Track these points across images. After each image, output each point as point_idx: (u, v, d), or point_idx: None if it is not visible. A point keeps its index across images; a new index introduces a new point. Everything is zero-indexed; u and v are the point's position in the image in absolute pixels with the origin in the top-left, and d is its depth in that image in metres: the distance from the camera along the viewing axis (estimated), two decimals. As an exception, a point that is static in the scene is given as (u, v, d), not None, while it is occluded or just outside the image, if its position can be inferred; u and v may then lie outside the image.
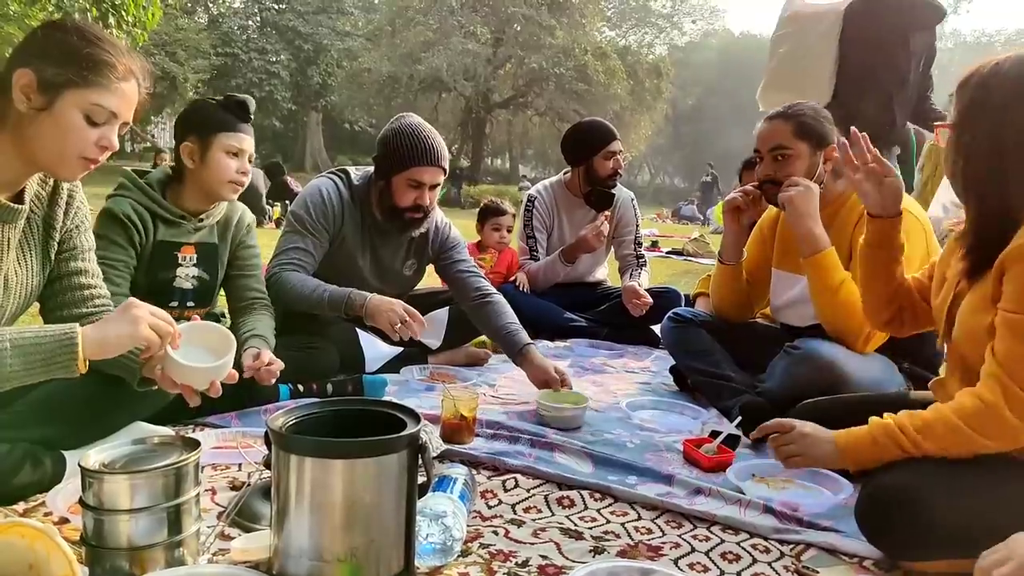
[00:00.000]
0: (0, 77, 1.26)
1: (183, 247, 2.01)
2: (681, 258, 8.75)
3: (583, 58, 26.20)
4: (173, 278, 2.01)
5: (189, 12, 27.46)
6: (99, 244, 1.79)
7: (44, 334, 1.21)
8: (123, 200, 1.91)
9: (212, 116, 1.96)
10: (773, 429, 1.50)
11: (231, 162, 1.95)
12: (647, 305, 3.06)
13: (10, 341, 1.18)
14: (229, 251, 2.12)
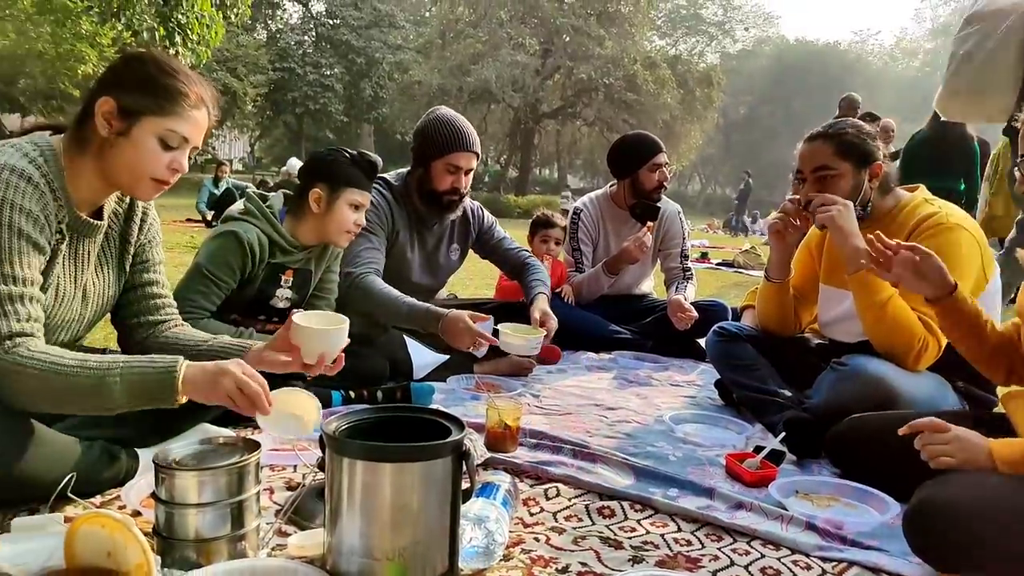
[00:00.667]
0: (85, 104, 1.38)
1: (287, 270, 2.18)
2: (731, 270, 8.66)
3: (632, 68, 26.12)
4: (271, 297, 2.17)
5: (249, 29, 28.35)
6: (214, 260, 1.98)
7: (148, 367, 1.30)
8: (252, 229, 2.05)
9: (344, 170, 2.13)
10: (926, 427, 1.42)
11: (352, 215, 2.14)
12: (692, 319, 3.07)
13: (120, 374, 1.28)
14: (317, 277, 2.30)
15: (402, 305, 2.42)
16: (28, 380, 1.24)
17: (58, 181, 1.36)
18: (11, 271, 1.26)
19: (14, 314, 1.26)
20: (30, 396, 1.26)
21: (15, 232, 1.26)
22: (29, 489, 1.32)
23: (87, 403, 1.30)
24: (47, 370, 1.24)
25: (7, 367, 1.23)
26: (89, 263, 1.50)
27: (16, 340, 1.25)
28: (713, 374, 2.60)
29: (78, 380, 1.26)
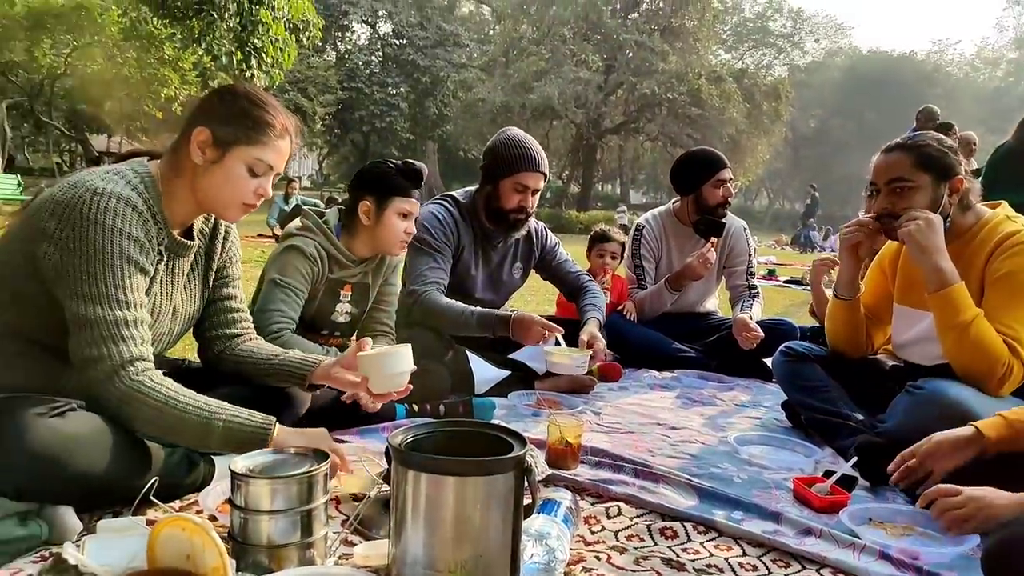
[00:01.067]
0: (181, 133, 1.47)
1: (345, 285, 2.26)
2: (800, 287, 8.42)
3: (697, 82, 25.85)
4: (332, 312, 2.26)
5: (319, 51, 29.34)
6: (284, 271, 2.09)
7: (248, 424, 1.41)
8: (310, 242, 2.16)
9: (391, 180, 2.20)
10: (937, 495, 1.43)
11: (402, 223, 2.19)
12: (758, 339, 3.00)
13: (224, 422, 1.39)
14: (376, 289, 2.37)
15: (469, 315, 2.49)
16: (146, 409, 1.34)
17: (157, 206, 1.45)
18: (124, 296, 1.35)
19: (131, 339, 1.35)
20: (143, 422, 1.37)
21: (125, 258, 1.35)
22: (115, 492, 1.39)
23: (188, 438, 1.41)
24: (166, 403, 1.35)
25: (131, 393, 1.33)
26: (180, 280, 1.58)
27: (138, 365, 1.35)
28: (780, 395, 2.54)
29: (188, 418, 1.37)
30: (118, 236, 1.35)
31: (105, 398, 1.34)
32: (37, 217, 1.35)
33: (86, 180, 1.36)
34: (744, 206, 43.81)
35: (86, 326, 1.32)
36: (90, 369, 1.33)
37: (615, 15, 27.69)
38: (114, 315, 1.33)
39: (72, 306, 1.33)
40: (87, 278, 1.32)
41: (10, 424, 1.29)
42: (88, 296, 1.32)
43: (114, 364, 1.32)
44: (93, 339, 1.32)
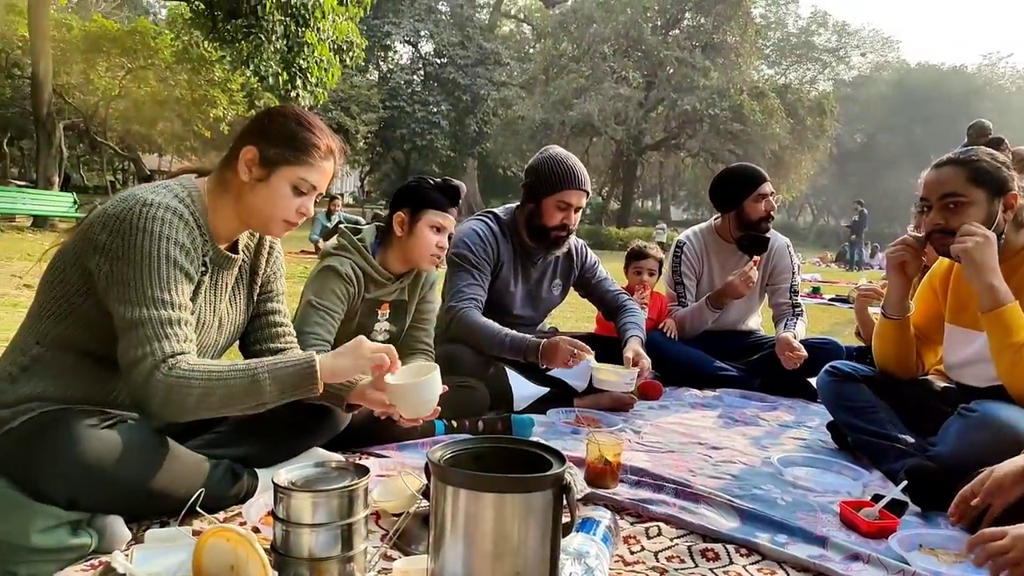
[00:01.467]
0: (229, 151, 1.52)
1: (383, 304, 2.28)
2: (846, 306, 8.23)
3: (739, 98, 25.66)
4: (370, 332, 2.28)
5: (362, 70, 29.89)
6: (321, 294, 2.12)
7: (291, 363, 1.44)
8: (346, 262, 2.18)
9: (426, 194, 2.22)
10: (980, 540, 1.33)
11: (434, 237, 2.19)
12: (801, 359, 2.94)
13: (268, 372, 1.40)
14: (413, 306, 2.39)
15: (504, 337, 2.50)
16: (193, 391, 1.35)
17: (203, 218, 1.50)
18: (169, 298, 1.38)
19: (174, 336, 1.37)
20: (196, 405, 1.37)
21: (171, 262, 1.39)
22: (162, 502, 1.43)
23: (245, 403, 1.41)
24: (207, 378, 1.36)
25: (172, 382, 1.34)
26: (225, 293, 1.62)
27: (177, 358, 1.36)
28: (825, 415, 2.48)
29: (235, 383, 1.38)
30: (164, 242, 1.39)
31: (152, 396, 1.34)
32: (91, 231, 1.40)
33: (136, 194, 1.42)
34: (787, 222, 43.12)
35: (132, 328, 1.35)
36: (134, 371, 1.35)
37: (656, 32, 27.70)
38: (158, 314, 1.36)
39: (120, 311, 1.36)
40: (134, 283, 1.36)
41: (63, 435, 1.33)
42: (134, 300, 1.36)
43: (155, 360, 1.34)
44: (138, 339, 1.35)
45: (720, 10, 26.97)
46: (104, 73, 18.65)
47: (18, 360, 1.48)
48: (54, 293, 1.48)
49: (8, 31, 18.03)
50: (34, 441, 1.35)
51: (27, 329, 1.51)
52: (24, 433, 1.38)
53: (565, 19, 28.79)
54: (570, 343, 2.42)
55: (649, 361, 2.63)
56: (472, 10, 35.85)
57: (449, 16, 33.56)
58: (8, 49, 18.73)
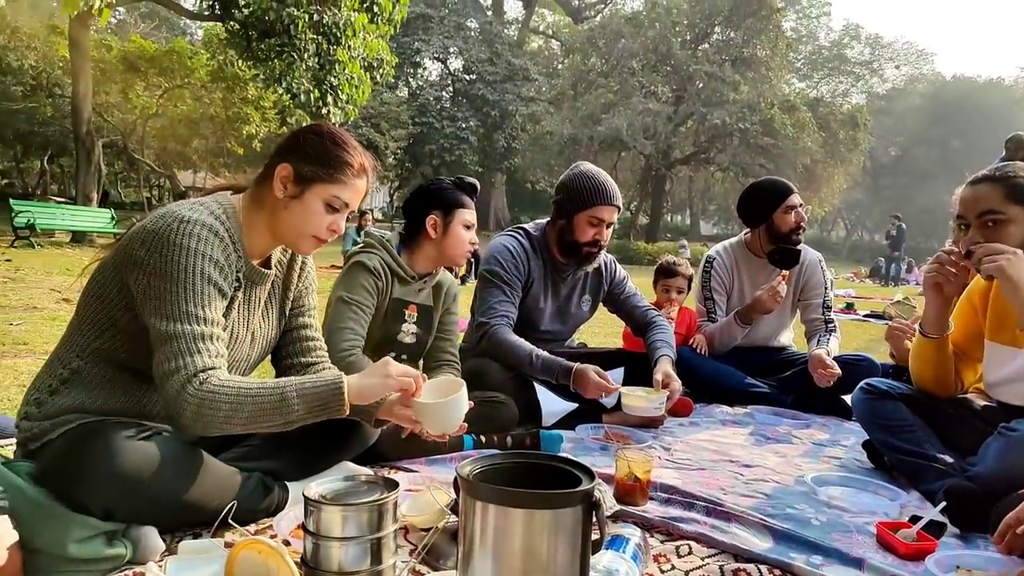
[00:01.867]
0: (265, 168, 1.55)
1: (409, 305, 2.32)
2: (881, 322, 8.08)
3: (769, 112, 25.47)
4: (398, 332, 2.31)
5: (392, 87, 30.30)
6: (351, 289, 2.18)
7: (319, 383, 1.44)
8: (373, 256, 2.26)
9: (453, 195, 2.31)
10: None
11: (467, 234, 2.29)
12: (834, 376, 2.88)
13: (296, 391, 1.42)
14: (438, 316, 2.42)
15: (535, 358, 2.51)
16: (222, 406, 1.36)
17: (237, 235, 1.52)
18: (203, 313, 1.40)
19: (206, 351, 1.39)
20: (225, 420, 1.38)
21: (205, 278, 1.42)
22: (196, 514, 1.45)
23: (273, 420, 1.41)
24: (236, 394, 1.37)
25: (203, 397, 1.36)
26: (258, 308, 1.65)
27: (208, 373, 1.38)
28: (860, 434, 2.43)
29: (264, 400, 1.39)
30: (199, 258, 1.41)
31: (183, 409, 1.36)
32: (130, 247, 1.43)
33: (174, 211, 1.45)
34: (820, 237, 42.54)
35: (166, 342, 1.38)
36: (167, 383, 1.37)
37: (685, 46, 27.66)
38: (191, 329, 1.38)
39: (155, 325, 1.39)
40: (170, 298, 1.38)
41: (101, 446, 1.36)
42: (169, 314, 1.38)
43: (188, 374, 1.36)
44: (171, 353, 1.37)
45: (750, 24, 26.85)
46: (142, 92, 19.18)
47: (58, 373, 1.51)
48: (93, 307, 1.51)
49: (50, 52, 18.67)
50: (72, 452, 1.38)
51: (67, 343, 1.55)
52: (63, 445, 1.41)
53: (593, 35, 28.90)
54: (599, 379, 2.42)
55: (679, 384, 2.60)
56: (501, 27, 36.20)
57: (478, 33, 33.90)
58: (49, 69, 19.39)
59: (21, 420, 1.51)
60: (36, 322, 4.27)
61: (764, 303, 3.04)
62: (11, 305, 4.98)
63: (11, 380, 2.83)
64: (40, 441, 1.45)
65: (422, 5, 31.15)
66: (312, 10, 11.98)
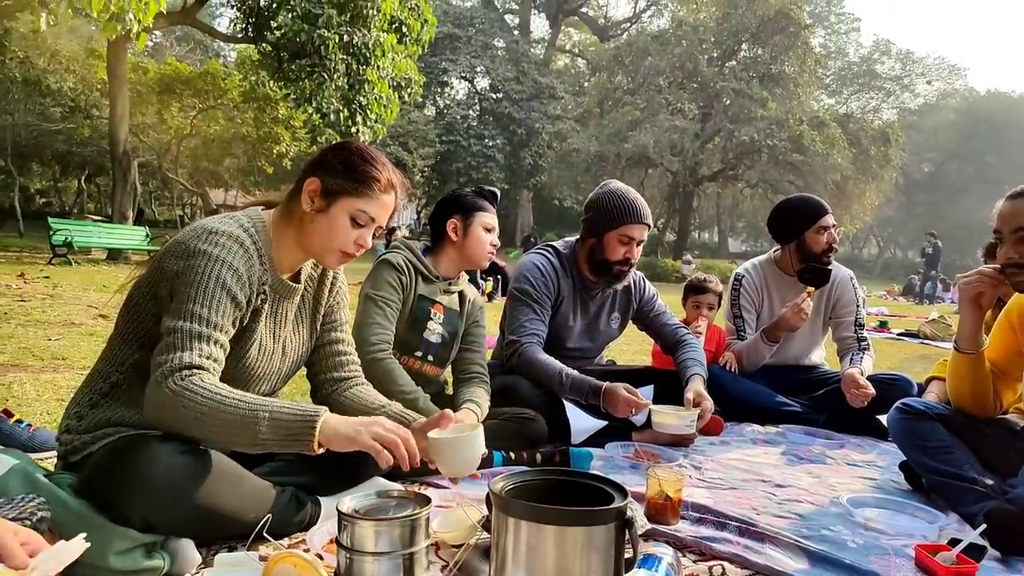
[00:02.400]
0: (296, 183, 1.58)
1: (435, 304, 2.37)
2: (916, 341, 7.94)
3: (798, 128, 25.26)
4: (424, 329, 2.34)
5: (420, 106, 30.64)
6: (377, 285, 2.25)
7: (294, 413, 1.37)
8: (398, 254, 2.35)
9: (472, 200, 2.41)
10: None
11: (487, 236, 2.36)
12: (868, 396, 2.82)
13: (269, 413, 1.35)
14: (465, 325, 2.45)
15: (564, 377, 2.51)
16: (193, 406, 1.33)
17: (266, 249, 1.55)
18: (206, 315, 1.42)
19: (197, 349, 1.39)
20: (192, 422, 1.34)
21: (219, 284, 1.44)
22: (231, 527, 1.47)
23: (236, 437, 1.35)
24: (211, 399, 1.34)
25: (178, 391, 1.34)
26: (287, 321, 1.67)
27: (191, 371, 1.37)
28: (897, 455, 2.38)
29: (232, 413, 1.33)
30: (217, 264, 1.44)
31: (155, 400, 1.35)
32: (163, 261, 1.48)
33: (205, 223, 1.50)
34: (851, 255, 41.94)
35: (164, 336, 1.40)
36: (153, 374, 1.37)
37: (712, 63, 27.61)
38: (189, 327, 1.39)
39: (163, 323, 1.41)
40: (180, 296, 1.41)
41: (139, 459, 1.38)
42: (175, 312, 1.41)
43: (172, 367, 1.35)
44: (164, 346, 1.38)
45: (778, 41, 26.73)
46: (176, 113, 19.64)
47: (98, 387, 1.55)
48: (131, 322, 1.55)
49: (88, 75, 19.23)
50: (112, 465, 1.41)
51: (106, 357, 1.59)
52: (103, 457, 1.44)
53: (620, 52, 28.97)
54: (628, 395, 2.41)
55: (711, 403, 2.57)
56: (527, 46, 36.50)
57: (505, 52, 34.22)
58: (87, 91, 19.96)
59: (62, 433, 1.55)
60: (74, 337, 4.36)
61: (788, 320, 3.01)
62: (50, 321, 5.10)
63: (50, 394, 2.89)
64: (81, 454, 1.48)
65: (449, 25, 31.55)
66: (342, 31, 12.21)
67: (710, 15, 26.96)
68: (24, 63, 18.40)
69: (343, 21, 12.30)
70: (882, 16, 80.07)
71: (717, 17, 26.97)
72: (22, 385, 3.00)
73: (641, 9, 41.00)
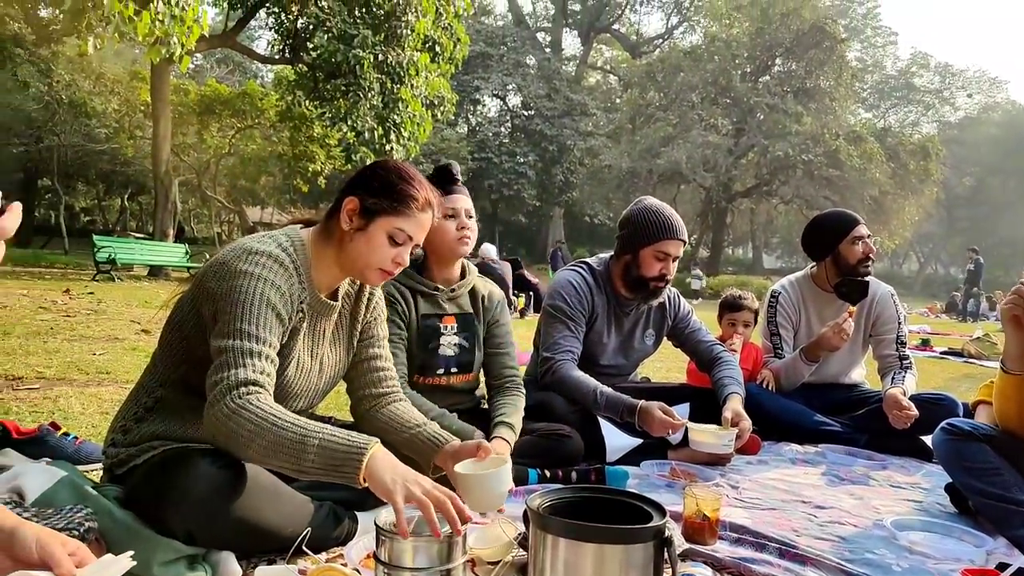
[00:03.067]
0: (335, 201, 1.61)
1: (444, 317, 2.29)
2: (960, 359, 7.73)
3: (834, 143, 24.96)
4: (438, 347, 2.28)
5: (452, 124, 30.97)
6: None
7: (343, 442, 1.33)
8: (390, 283, 2.19)
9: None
10: None
11: (449, 223, 2.18)
12: (912, 418, 2.74)
13: (320, 439, 1.32)
14: (485, 326, 2.37)
15: (599, 396, 2.48)
16: (247, 425, 1.33)
17: (304, 267, 1.58)
18: (255, 331, 1.44)
19: (251, 365, 1.41)
20: (245, 441, 1.33)
21: (264, 301, 1.46)
22: (271, 540, 1.48)
23: (285, 461, 1.33)
24: (265, 419, 1.34)
25: (234, 409, 1.35)
26: (325, 338, 1.70)
27: (248, 388, 1.39)
28: (942, 476, 2.32)
29: (285, 435, 1.32)
30: (260, 282, 1.46)
31: (212, 419, 1.36)
32: (204, 279, 1.51)
33: (243, 243, 1.53)
34: (890, 271, 41.12)
35: (217, 356, 1.42)
36: (210, 393, 1.39)
37: (745, 79, 27.48)
38: (240, 344, 1.41)
39: (212, 343, 1.44)
40: (227, 317, 1.43)
41: (183, 472, 1.41)
42: (224, 331, 1.43)
43: (228, 384, 1.37)
44: (218, 365, 1.40)
45: (813, 55, 26.50)
46: (216, 133, 20.12)
47: (143, 401, 1.59)
48: (174, 338, 1.59)
49: (132, 97, 19.82)
50: (156, 478, 1.44)
51: (151, 372, 1.63)
52: (148, 470, 1.47)
53: (652, 69, 28.99)
54: (664, 416, 2.37)
55: (749, 422, 2.53)
56: (559, 63, 36.74)
57: (536, 70, 34.48)
58: (131, 113, 20.57)
59: (108, 446, 1.59)
60: (118, 352, 4.47)
61: (829, 340, 2.94)
62: (94, 336, 5.23)
63: (95, 408, 2.96)
64: (126, 467, 1.52)
65: (482, 44, 31.93)
66: (377, 51, 12.42)
67: (743, 30, 26.84)
68: (70, 86, 19.07)
69: (378, 41, 12.52)
70: (920, 29, 78.99)
71: (750, 32, 26.84)
72: (68, 399, 3.08)
73: (673, 25, 41.03)
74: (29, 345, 4.45)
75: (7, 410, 2.80)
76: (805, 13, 25.99)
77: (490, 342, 2.38)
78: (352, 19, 12.49)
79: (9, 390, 3.21)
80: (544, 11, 42.57)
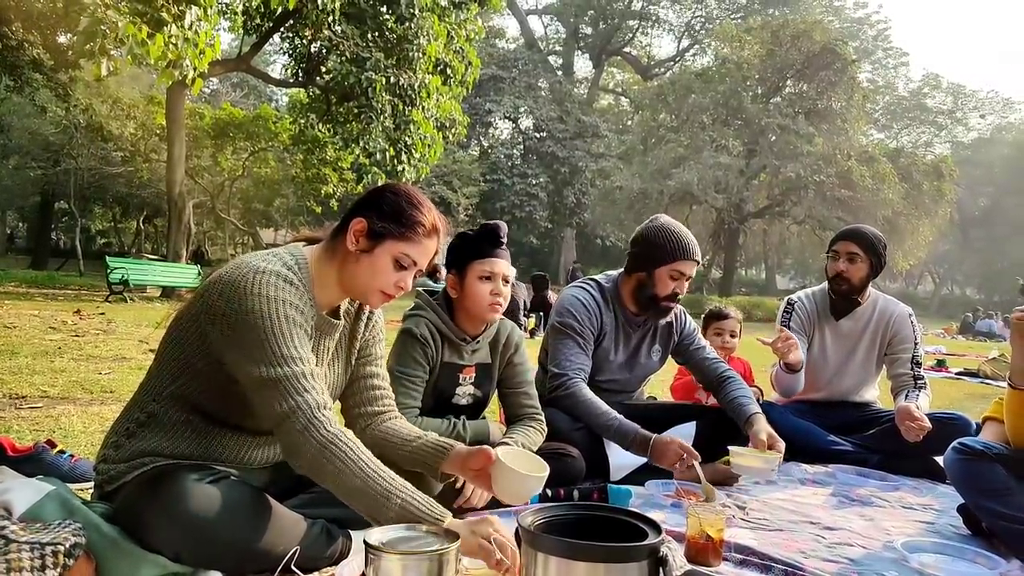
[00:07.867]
0: (341, 221, 1.60)
1: (464, 368, 2.26)
2: (975, 380, 7.62)
3: (846, 164, 24.88)
4: (452, 396, 2.26)
5: (464, 146, 31.20)
6: (401, 360, 2.13)
7: (425, 508, 1.36)
8: (421, 321, 2.19)
9: (466, 247, 2.18)
10: None
11: (486, 286, 2.13)
12: (924, 430, 2.68)
13: (402, 501, 1.35)
14: (500, 368, 2.35)
15: (611, 420, 2.43)
16: (337, 463, 1.35)
17: (307, 285, 1.56)
18: (298, 353, 1.43)
19: (313, 388, 1.41)
20: (331, 477, 1.36)
21: (291, 322, 1.45)
22: (261, 559, 1.45)
23: (363, 507, 1.36)
24: (355, 462, 1.36)
25: (330, 441, 1.36)
26: (326, 357, 1.68)
27: (327, 412, 1.39)
28: (955, 497, 2.26)
29: (369, 487, 1.35)
30: (280, 303, 1.45)
31: (302, 449, 1.37)
32: (207, 297, 1.49)
33: (248, 261, 1.51)
34: (905, 291, 40.71)
35: (269, 386, 1.39)
36: (285, 424, 1.38)
37: (756, 100, 27.51)
38: (292, 370, 1.40)
39: (251, 372, 1.41)
40: (261, 344, 1.41)
41: (171, 489, 1.39)
42: (265, 359, 1.40)
43: (308, 414, 1.37)
44: (281, 395, 1.38)
45: (824, 76, 26.51)
46: (230, 156, 20.37)
47: (135, 416, 1.57)
48: (172, 353, 1.57)
49: (148, 120, 20.12)
50: (145, 494, 1.42)
51: (145, 387, 1.61)
52: (137, 486, 1.45)
53: (663, 90, 29.10)
54: (679, 450, 2.29)
55: (783, 443, 2.43)
56: (570, 86, 37.01)
57: (548, 92, 34.74)
58: (147, 136, 20.86)
59: (100, 463, 1.57)
60: (123, 371, 4.48)
61: (777, 350, 2.85)
62: (102, 355, 5.25)
63: (96, 426, 2.95)
64: (116, 483, 1.50)
65: (494, 67, 32.24)
66: (389, 74, 12.55)
67: (754, 52, 26.89)
68: (88, 110, 19.38)
69: (390, 64, 12.65)
70: (931, 50, 79.01)
71: (761, 54, 26.90)
72: (70, 417, 3.08)
73: (684, 48, 41.28)
74: (36, 364, 4.47)
75: (8, 428, 2.80)
76: (816, 35, 26.03)
77: (507, 382, 2.36)
78: (365, 43, 12.63)
79: (12, 408, 3.22)
80: (556, 34, 42.98)
